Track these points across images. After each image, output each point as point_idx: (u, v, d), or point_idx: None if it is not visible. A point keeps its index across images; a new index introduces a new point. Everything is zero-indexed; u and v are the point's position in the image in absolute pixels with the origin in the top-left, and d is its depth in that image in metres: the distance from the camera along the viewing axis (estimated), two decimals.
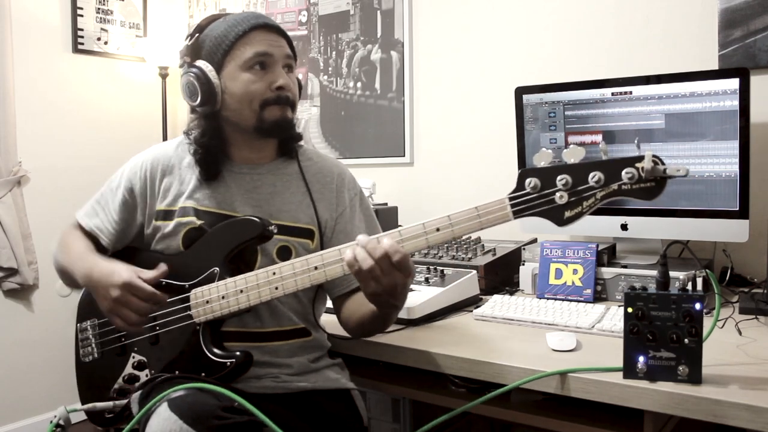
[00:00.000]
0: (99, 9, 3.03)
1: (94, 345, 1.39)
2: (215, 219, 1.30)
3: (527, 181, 1.04)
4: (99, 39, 3.03)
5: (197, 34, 1.33)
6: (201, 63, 1.29)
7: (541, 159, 1.04)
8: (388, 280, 1.09)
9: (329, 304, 1.43)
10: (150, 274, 1.24)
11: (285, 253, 1.30)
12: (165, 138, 3.10)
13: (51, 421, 1.21)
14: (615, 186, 0.99)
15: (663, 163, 0.97)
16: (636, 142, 1.00)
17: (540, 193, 1.03)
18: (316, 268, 1.18)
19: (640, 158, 0.97)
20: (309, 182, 1.37)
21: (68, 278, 1.39)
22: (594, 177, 1.00)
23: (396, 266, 1.08)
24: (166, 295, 1.24)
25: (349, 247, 1.12)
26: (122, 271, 1.23)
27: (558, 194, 1.02)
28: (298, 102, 1.37)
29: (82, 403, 1.35)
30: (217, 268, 1.25)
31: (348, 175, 1.44)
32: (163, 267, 1.26)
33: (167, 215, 1.34)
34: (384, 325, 1.31)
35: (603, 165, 0.99)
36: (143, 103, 3.23)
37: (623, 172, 0.98)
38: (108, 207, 1.39)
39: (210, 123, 1.33)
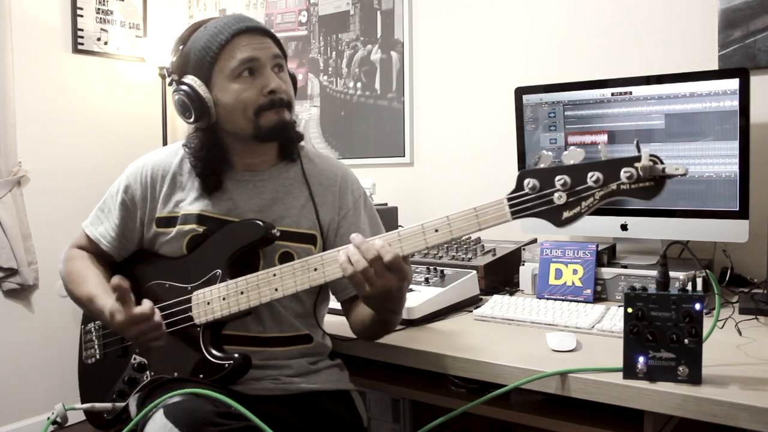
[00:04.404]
0: (99, 9, 3.02)
1: (97, 347, 1.40)
2: (218, 225, 1.30)
3: (526, 181, 1.04)
4: (99, 39, 3.03)
5: (181, 47, 1.29)
6: (189, 79, 1.26)
7: (541, 161, 1.04)
8: (381, 282, 1.08)
9: (331, 305, 1.43)
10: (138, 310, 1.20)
11: (287, 259, 1.29)
12: (165, 138, 3.10)
13: (48, 418, 1.21)
14: (614, 186, 0.98)
15: (662, 162, 0.96)
16: (635, 142, 1.00)
17: (538, 194, 1.03)
18: (315, 269, 1.18)
19: (639, 158, 0.97)
20: (311, 185, 1.35)
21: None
22: (593, 177, 0.99)
23: (388, 267, 1.08)
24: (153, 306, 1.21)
25: (343, 249, 1.12)
26: (116, 314, 1.18)
27: (556, 194, 1.02)
28: (294, 99, 1.34)
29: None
30: (220, 270, 1.25)
31: (351, 177, 1.42)
32: (147, 304, 1.21)
33: (169, 222, 1.33)
34: (385, 330, 1.31)
35: (601, 165, 0.99)
36: (143, 103, 3.22)
37: (622, 172, 0.97)
38: (111, 214, 1.38)
39: (207, 136, 1.31)
